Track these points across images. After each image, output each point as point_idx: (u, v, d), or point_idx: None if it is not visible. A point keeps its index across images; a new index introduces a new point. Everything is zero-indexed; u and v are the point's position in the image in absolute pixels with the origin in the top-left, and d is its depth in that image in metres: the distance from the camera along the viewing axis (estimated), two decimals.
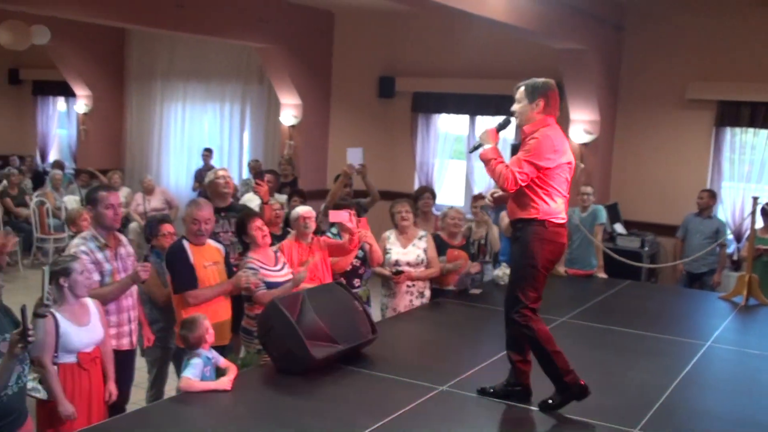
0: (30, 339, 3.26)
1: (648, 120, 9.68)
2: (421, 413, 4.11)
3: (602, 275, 7.86)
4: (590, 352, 5.45)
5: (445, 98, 10.85)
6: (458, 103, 10.69)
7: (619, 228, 9.37)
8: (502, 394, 4.30)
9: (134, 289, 4.86)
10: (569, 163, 4.15)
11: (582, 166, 9.36)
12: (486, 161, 4.15)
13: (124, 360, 4.80)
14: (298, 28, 11.01)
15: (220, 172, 6.11)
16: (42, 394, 4.12)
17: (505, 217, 7.61)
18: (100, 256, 4.67)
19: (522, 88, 4.20)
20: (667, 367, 5.11)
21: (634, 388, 4.70)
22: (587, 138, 9.37)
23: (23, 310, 3.32)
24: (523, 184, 4.03)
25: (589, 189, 7.99)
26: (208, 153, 12.29)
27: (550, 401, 4.16)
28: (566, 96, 9.38)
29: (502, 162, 4.11)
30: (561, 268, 7.87)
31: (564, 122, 9.60)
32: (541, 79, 4.21)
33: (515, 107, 4.22)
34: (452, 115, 11.12)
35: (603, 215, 7.95)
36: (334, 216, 5.70)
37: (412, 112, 11.21)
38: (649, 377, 4.89)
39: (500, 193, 4.36)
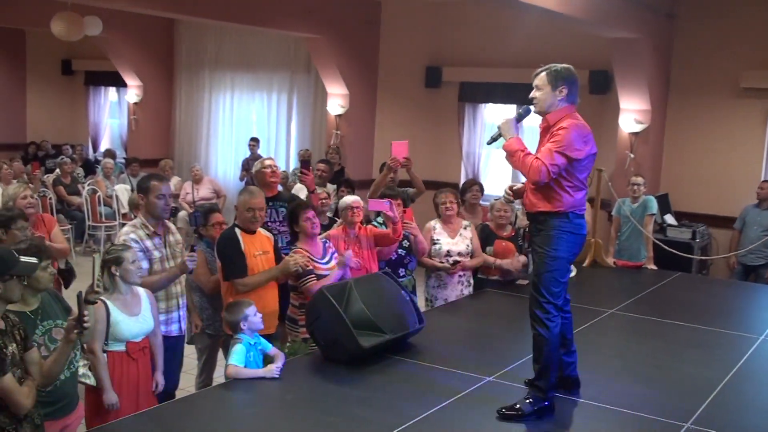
0: (85, 325, 3.32)
1: (700, 109, 9.49)
2: (469, 403, 4.10)
3: (652, 267, 7.74)
4: (639, 345, 5.38)
5: (492, 88, 10.77)
6: (506, 92, 10.59)
7: (669, 219, 9.22)
8: None
9: (183, 276, 4.92)
10: (594, 153, 4.01)
11: (632, 156, 9.23)
12: (511, 153, 3.99)
13: (172, 346, 4.89)
14: (345, 17, 11.01)
15: (267, 162, 6.14)
16: (91, 381, 4.20)
17: None
18: (149, 243, 4.74)
19: (543, 74, 4.00)
20: (719, 360, 5.02)
21: (685, 381, 4.62)
22: (638, 127, 9.23)
23: (79, 297, 3.38)
24: (555, 176, 3.89)
25: (639, 179, 7.87)
26: (254, 143, 12.38)
27: (516, 408, 3.97)
28: (616, 85, 9.26)
29: (531, 153, 3.95)
30: (609, 259, 7.79)
31: (614, 111, 9.49)
32: (562, 65, 4.02)
33: (535, 94, 4.03)
34: (499, 105, 11.05)
35: (654, 206, 7.82)
36: (374, 205, 5.69)
37: (458, 101, 11.15)
38: (700, 371, 4.80)
39: (519, 185, 4.26)
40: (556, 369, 4.03)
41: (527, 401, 3.98)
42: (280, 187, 6.39)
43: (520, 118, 4.13)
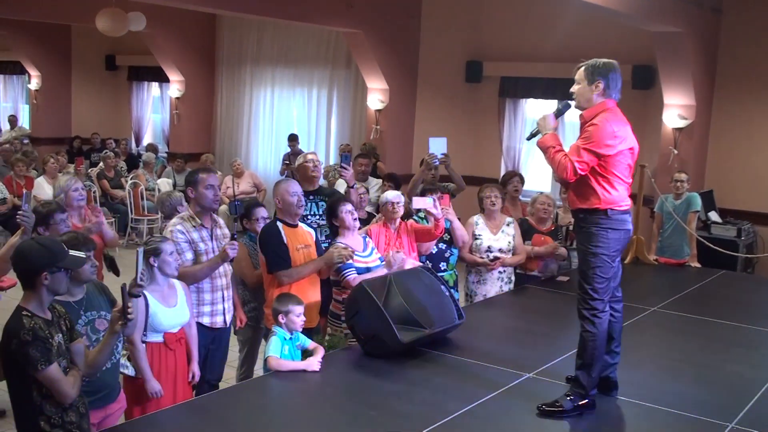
0: (129, 317, 3.36)
1: (746, 105, 9.32)
2: (509, 399, 4.09)
3: (695, 264, 7.62)
4: (683, 344, 5.32)
5: (533, 83, 10.70)
6: (547, 87, 10.51)
7: (713, 216, 9.07)
8: None
9: (228, 269, 4.97)
10: (631, 148, 3.92)
11: (675, 152, 9.10)
12: (544, 149, 3.96)
13: (218, 338, 4.95)
14: (385, 12, 11.01)
15: (309, 156, 6.16)
16: (130, 371, 4.26)
17: None
18: (195, 235, 4.80)
19: (582, 69, 3.96)
20: (764, 360, 4.95)
21: (729, 381, 4.55)
22: (682, 123, 9.09)
23: (123, 289, 3.42)
24: (582, 174, 3.84)
25: (683, 176, 7.75)
26: (293, 142, 12.41)
27: (557, 404, 3.94)
28: (660, 80, 9.13)
29: (561, 150, 3.91)
30: (651, 257, 7.69)
31: (657, 107, 9.36)
32: (603, 60, 3.97)
33: (574, 88, 3.99)
34: (540, 100, 10.97)
35: (698, 203, 7.70)
36: (418, 202, 5.69)
37: (499, 96, 11.09)
38: (745, 370, 4.73)
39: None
40: (599, 367, 3.98)
41: (568, 398, 3.95)
42: (322, 182, 6.40)
43: (559, 114, 4.11)
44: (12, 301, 4.12)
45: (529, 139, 4.23)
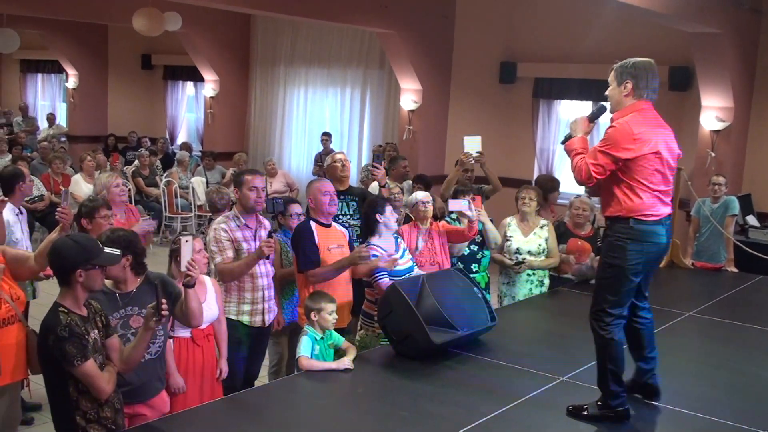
0: (163, 313, 3.39)
1: None
2: (542, 402, 4.05)
3: (732, 269, 7.51)
4: (719, 350, 5.24)
5: (567, 84, 10.61)
6: (581, 89, 10.42)
7: (752, 220, 8.92)
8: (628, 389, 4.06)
9: (270, 269, 5.01)
10: (656, 153, 3.70)
11: (713, 154, 8.97)
12: (569, 152, 3.87)
13: (257, 336, 5.00)
14: (419, 12, 10.99)
15: (338, 156, 6.18)
16: None
17: None
18: (239, 235, 4.87)
19: (612, 70, 3.85)
20: None
21: (765, 387, 4.47)
22: (719, 125, 8.96)
23: (157, 286, 3.46)
24: (599, 177, 3.70)
25: (720, 179, 7.63)
26: (327, 137, 12.48)
27: (585, 410, 3.88)
28: (698, 81, 9.01)
29: (582, 153, 3.79)
30: (688, 261, 7.59)
31: (695, 109, 9.24)
32: (634, 59, 3.83)
33: (607, 91, 3.88)
34: (574, 102, 10.88)
35: (735, 206, 7.58)
36: (454, 205, 5.69)
37: (533, 98, 11.02)
38: None
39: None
40: (617, 376, 3.84)
41: (597, 403, 3.89)
42: (353, 182, 6.41)
43: (593, 118, 3.98)
44: (49, 297, 4.18)
45: (563, 143, 4.12)
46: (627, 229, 3.72)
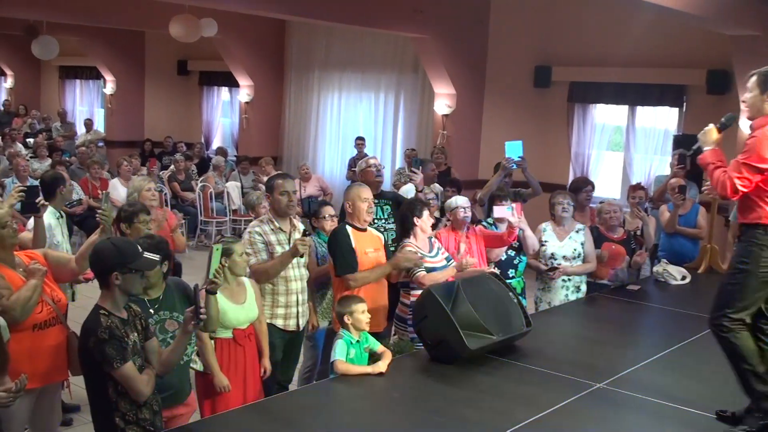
0: (201, 316, 3.42)
1: None
2: (579, 409, 4.01)
3: None
4: None
5: (603, 88, 10.50)
6: (617, 93, 10.30)
7: None
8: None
9: (304, 273, 5.04)
10: None
11: None
12: (704, 166, 3.80)
13: (291, 340, 5.02)
14: (453, 17, 10.98)
15: (371, 161, 6.20)
16: (198, 366, 4.35)
17: (665, 212, 7.32)
18: (273, 238, 4.92)
19: (754, 78, 3.74)
20: None
21: None
22: None
23: (195, 289, 3.49)
24: (745, 191, 3.63)
25: None
26: (361, 141, 12.50)
27: (731, 414, 3.81)
28: (737, 85, 8.87)
29: (721, 167, 3.72)
30: (726, 266, 7.47)
31: (734, 112, 9.06)
32: None
33: (745, 97, 3.81)
34: (610, 106, 10.79)
35: None
36: (498, 212, 5.68)
37: (568, 102, 10.93)
38: None
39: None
40: (758, 375, 3.72)
41: (753, 414, 3.76)
42: (386, 186, 6.42)
43: (723, 127, 3.92)
44: (87, 300, 4.24)
45: (691, 155, 4.05)
46: (762, 236, 3.67)
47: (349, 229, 5.07)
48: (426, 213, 5.20)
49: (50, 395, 4.12)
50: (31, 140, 14.73)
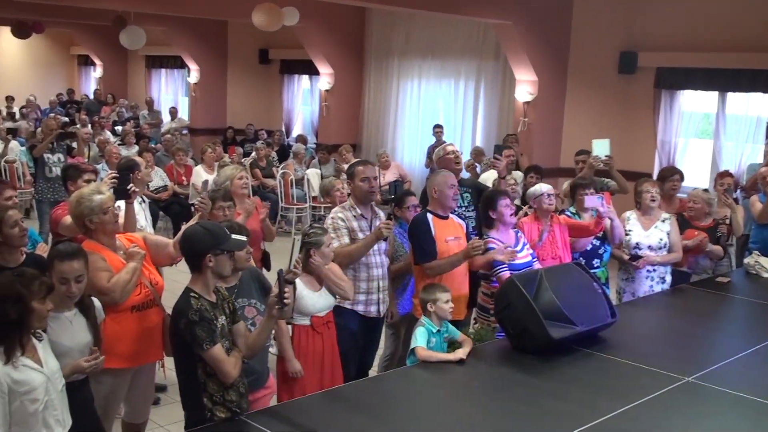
0: (286, 302, 3.46)
1: None
2: (667, 403, 3.91)
3: None
4: None
5: (691, 73, 10.19)
6: (706, 78, 9.99)
7: None
8: None
9: (385, 260, 5.06)
10: None
11: None
12: None
13: (371, 327, 5.05)
14: (536, 2, 10.81)
15: (449, 148, 6.16)
16: (274, 350, 4.42)
17: (756, 202, 7.06)
18: (355, 224, 4.96)
19: None
20: None
21: None
22: None
23: (279, 275, 3.52)
24: None
25: None
26: (439, 129, 12.45)
27: None
28: None
29: None
30: None
31: None
32: None
33: None
34: (699, 92, 10.46)
35: None
36: (589, 201, 5.58)
37: (654, 88, 10.64)
38: None
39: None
40: None
41: None
42: (465, 174, 6.37)
43: None
44: (172, 284, 4.35)
45: None
46: None
47: (429, 216, 5.06)
48: (501, 203, 5.13)
49: (146, 375, 4.25)
50: (119, 128, 15.18)
